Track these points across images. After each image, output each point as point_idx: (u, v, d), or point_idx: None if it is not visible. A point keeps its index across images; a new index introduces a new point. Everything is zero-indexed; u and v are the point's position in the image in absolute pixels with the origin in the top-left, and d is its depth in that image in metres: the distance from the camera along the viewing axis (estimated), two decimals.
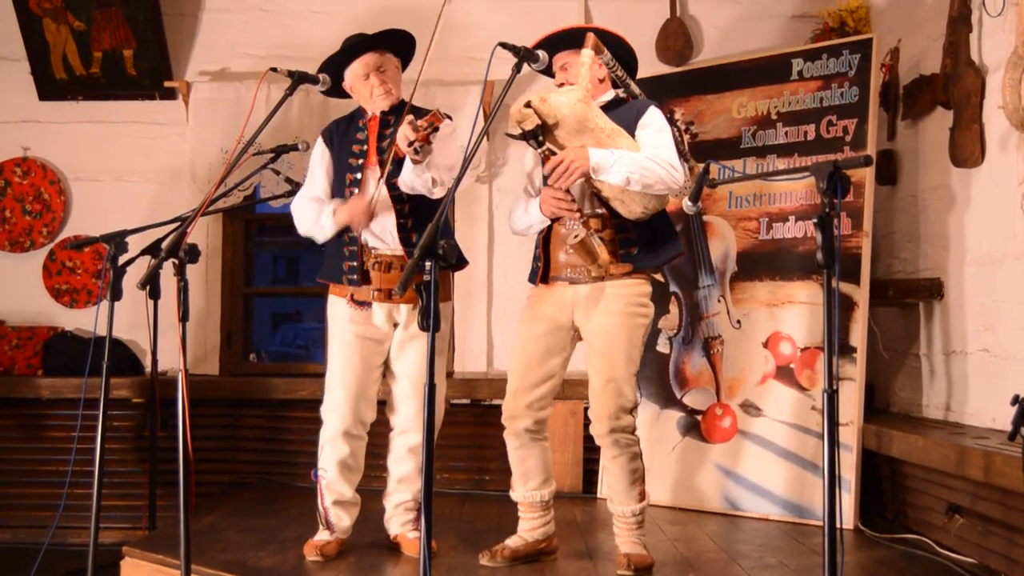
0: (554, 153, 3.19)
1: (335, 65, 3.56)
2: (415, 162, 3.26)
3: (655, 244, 3.33)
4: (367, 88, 3.53)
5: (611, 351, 3.27)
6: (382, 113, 3.55)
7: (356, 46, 3.54)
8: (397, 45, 3.60)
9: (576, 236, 3.18)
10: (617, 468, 3.32)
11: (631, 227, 3.28)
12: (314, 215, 3.56)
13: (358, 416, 3.52)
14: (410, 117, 3.21)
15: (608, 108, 3.35)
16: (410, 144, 3.16)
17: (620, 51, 3.45)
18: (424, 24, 3.61)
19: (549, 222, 3.36)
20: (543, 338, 3.36)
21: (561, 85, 3.33)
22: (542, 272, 3.39)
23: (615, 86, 3.46)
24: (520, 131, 3.14)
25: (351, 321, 3.52)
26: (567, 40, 3.36)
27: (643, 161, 3.14)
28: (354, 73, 3.55)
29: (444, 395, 3.71)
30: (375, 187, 3.44)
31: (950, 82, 4.02)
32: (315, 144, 3.68)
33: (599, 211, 3.28)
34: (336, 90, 3.63)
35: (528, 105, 3.12)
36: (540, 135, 3.15)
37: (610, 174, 3.14)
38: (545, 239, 3.39)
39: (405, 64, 3.68)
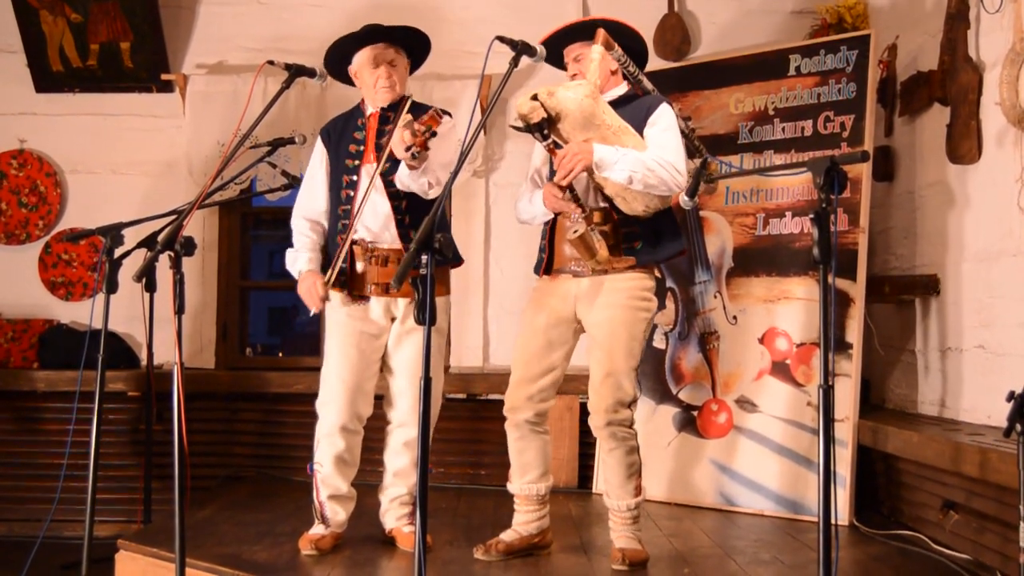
0: (559, 147, 3.19)
1: (348, 47, 3.54)
2: (411, 167, 3.26)
3: (658, 239, 3.32)
4: (373, 78, 3.52)
5: (611, 344, 3.27)
6: (381, 110, 3.55)
7: (374, 32, 3.52)
8: (412, 45, 3.60)
9: (576, 231, 3.17)
10: (614, 461, 3.32)
11: (634, 221, 3.28)
12: (293, 254, 3.60)
13: (354, 411, 3.51)
14: (408, 118, 3.19)
15: (619, 103, 3.35)
16: (407, 149, 3.15)
17: (630, 42, 3.44)
18: (418, 19, 3.61)
19: (552, 215, 3.36)
20: (545, 331, 3.36)
21: (574, 76, 3.33)
22: (546, 263, 3.40)
23: (625, 78, 3.45)
24: (525, 124, 3.13)
25: (348, 315, 3.52)
26: (579, 32, 3.35)
27: (647, 161, 3.14)
28: (364, 59, 3.53)
29: (441, 389, 3.71)
30: (369, 182, 3.44)
31: (948, 78, 4.02)
32: (315, 144, 3.66)
33: (602, 204, 3.28)
34: (340, 75, 3.62)
35: (535, 98, 3.11)
36: (545, 128, 3.14)
37: (613, 171, 3.13)
38: (551, 230, 3.39)
39: (415, 68, 3.67)
